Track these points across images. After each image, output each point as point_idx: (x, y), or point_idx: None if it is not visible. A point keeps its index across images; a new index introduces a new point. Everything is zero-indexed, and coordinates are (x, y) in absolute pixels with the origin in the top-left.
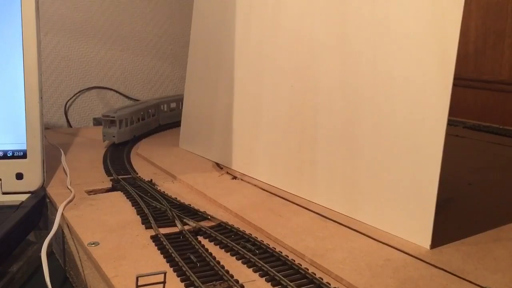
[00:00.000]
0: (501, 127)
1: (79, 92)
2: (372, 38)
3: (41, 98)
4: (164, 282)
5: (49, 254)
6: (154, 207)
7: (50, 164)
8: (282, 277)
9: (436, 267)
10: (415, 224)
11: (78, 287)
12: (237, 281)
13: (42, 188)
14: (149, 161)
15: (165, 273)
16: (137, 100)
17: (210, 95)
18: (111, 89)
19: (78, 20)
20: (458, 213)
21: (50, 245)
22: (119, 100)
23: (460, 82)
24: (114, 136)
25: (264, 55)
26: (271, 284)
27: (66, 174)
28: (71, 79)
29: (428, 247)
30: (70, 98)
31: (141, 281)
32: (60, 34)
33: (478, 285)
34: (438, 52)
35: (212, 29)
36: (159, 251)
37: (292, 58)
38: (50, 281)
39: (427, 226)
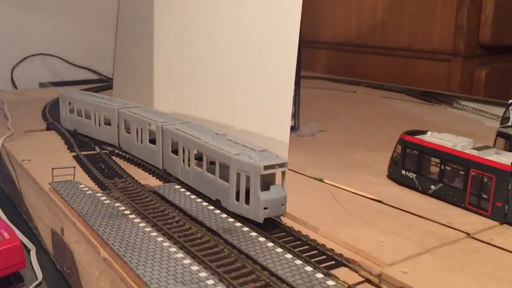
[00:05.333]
0: (397, 86)
1: (24, 58)
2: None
3: None
4: (74, 174)
5: None
6: (80, 139)
7: None
8: (164, 175)
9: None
10: (277, 137)
11: (15, 199)
12: (133, 178)
13: None
14: None
15: (74, 167)
16: (83, 67)
17: (136, 52)
18: (55, 56)
19: None
20: (323, 139)
21: None
22: (63, 66)
23: (369, 49)
24: None
25: (175, 28)
26: (156, 178)
27: (7, 119)
28: (16, 46)
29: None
30: (17, 64)
31: (56, 173)
32: (5, 4)
33: (312, 177)
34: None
35: (136, 4)
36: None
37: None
38: None
39: (285, 143)
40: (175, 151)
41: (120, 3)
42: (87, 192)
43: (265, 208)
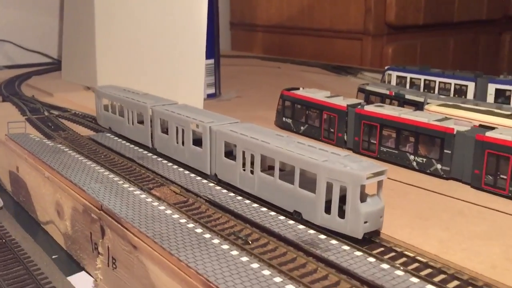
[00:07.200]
0: (317, 61)
1: None
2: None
3: None
4: (25, 127)
5: None
6: (31, 107)
7: None
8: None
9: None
10: (193, 100)
11: None
12: (75, 131)
13: None
14: (34, 87)
15: (25, 122)
16: (35, 51)
17: (80, 35)
18: (8, 42)
19: None
20: (237, 102)
21: None
22: (16, 51)
23: (298, 31)
24: None
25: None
26: (95, 132)
27: None
28: None
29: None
30: None
31: (11, 126)
32: None
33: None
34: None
35: None
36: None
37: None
38: None
39: (199, 103)
40: (228, 155)
41: None
42: (35, 139)
43: (365, 222)
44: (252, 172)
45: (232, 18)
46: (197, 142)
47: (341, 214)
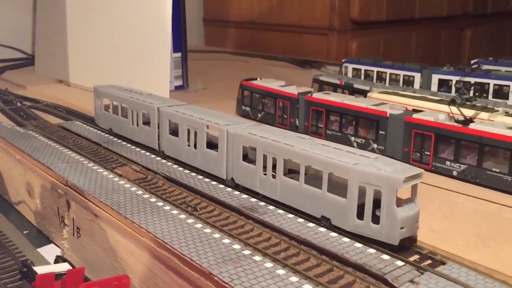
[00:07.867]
0: (286, 56)
1: None
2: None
3: None
4: None
5: None
6: (4, 99)
7: None
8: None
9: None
10: (160, 92)
11: None
12: (46, 120)
13: None
14: (8, 80)
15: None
16: (8, 46)
17: (52, 31)
18: None
19: None
20: (203, 94)
21: None
22: None
23: (268, 27)
24: None
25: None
26: (65, 120)
27: None
28: None
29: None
30: None
31: None
32: None
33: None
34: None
35: None
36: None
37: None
38: None
39: (166, 95)
40: (244, 159)
41: None
42: (8, 127)
43: (401, 228)
44: (274, 176)
45: (205, 15)
46: (209, 145)
47: (375, 219)
